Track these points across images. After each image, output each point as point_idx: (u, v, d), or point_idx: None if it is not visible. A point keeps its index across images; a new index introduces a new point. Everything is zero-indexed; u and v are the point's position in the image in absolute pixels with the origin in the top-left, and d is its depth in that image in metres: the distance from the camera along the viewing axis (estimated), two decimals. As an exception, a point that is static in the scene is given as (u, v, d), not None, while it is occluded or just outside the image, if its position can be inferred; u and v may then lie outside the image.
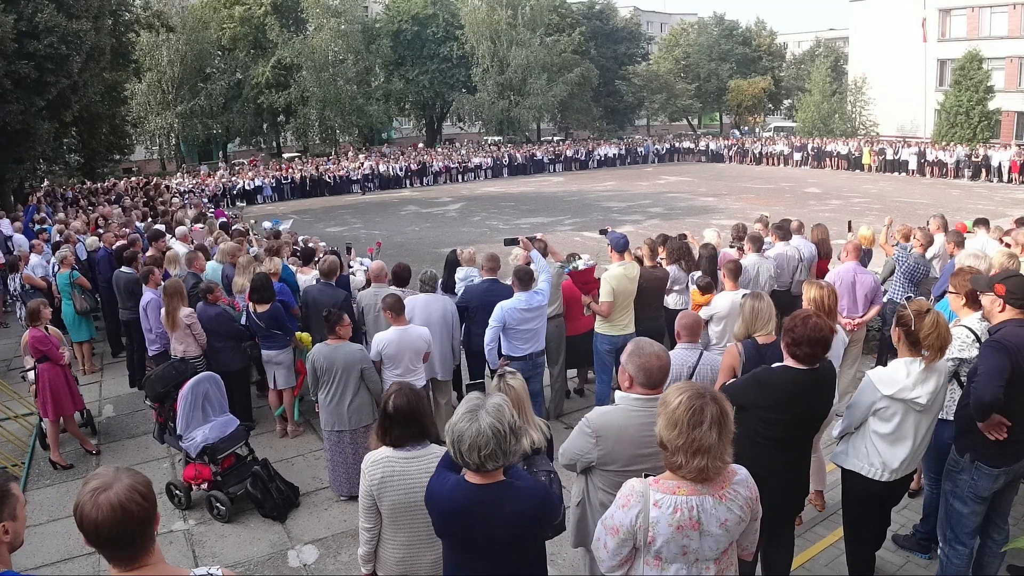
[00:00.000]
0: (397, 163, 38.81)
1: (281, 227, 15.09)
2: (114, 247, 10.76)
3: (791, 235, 8.74)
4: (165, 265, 9.02)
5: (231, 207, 28.55)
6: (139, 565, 2.10)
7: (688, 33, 59.94)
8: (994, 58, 36.52)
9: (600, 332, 6.97)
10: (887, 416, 3.94)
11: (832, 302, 4.74)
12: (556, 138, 54.75)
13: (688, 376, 4.74)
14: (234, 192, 32.71)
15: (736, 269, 6.62)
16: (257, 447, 6.81)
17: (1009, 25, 37.61)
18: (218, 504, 5.99)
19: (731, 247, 8.63)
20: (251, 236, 12.62)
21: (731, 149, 45.49)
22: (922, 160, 34.16)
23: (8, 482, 2.45)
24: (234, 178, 34.48)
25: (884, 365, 4.17)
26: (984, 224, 8.51)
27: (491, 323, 6.30)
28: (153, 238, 10.90)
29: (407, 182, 37.93)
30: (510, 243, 7.35)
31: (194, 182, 33.13)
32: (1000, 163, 31.28)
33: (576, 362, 8.18)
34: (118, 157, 31.47)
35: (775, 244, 8.65)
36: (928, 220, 9.16)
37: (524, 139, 49.27)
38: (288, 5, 44.92)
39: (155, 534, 2.13)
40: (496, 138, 49.66)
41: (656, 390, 3.40)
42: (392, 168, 37.97)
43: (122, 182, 30.08)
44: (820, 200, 26.29)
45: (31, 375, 7.39)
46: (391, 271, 7.28)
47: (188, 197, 26.33)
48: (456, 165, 40.15)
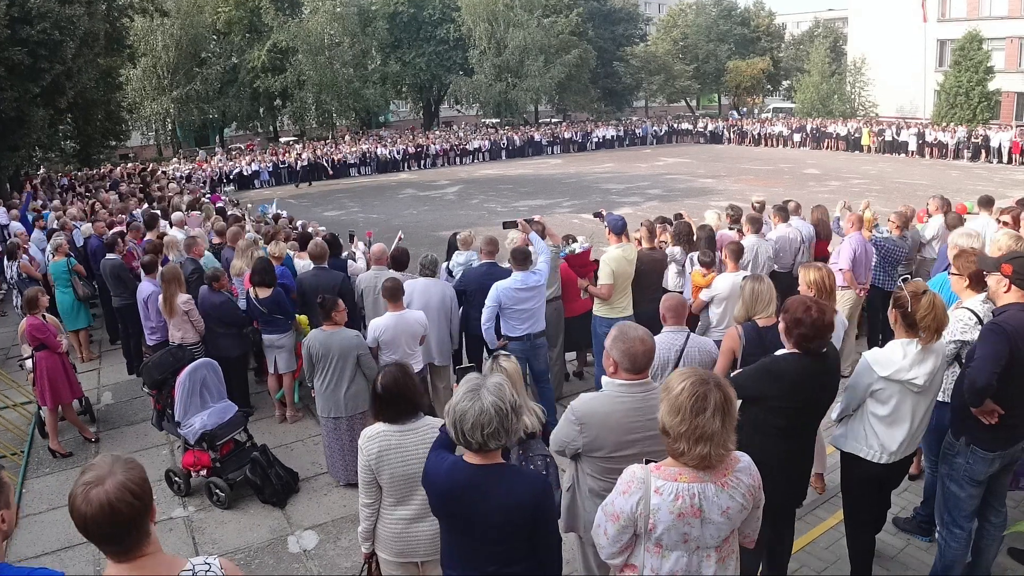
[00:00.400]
0: (395, 146, 38.60)
1: (266, 211, 15.12)
2: (105, 237, 10.65)
3: (790, 216, 8.72)
4: (164, 251, 8.97)
5: (223, 191, 28.45)
6: (133, 556, 2.07)
7: (686, 14, 59.51)
8: (994, 38, 36.20)
9: (599, 315, 6.93)
10: (884, 398, 3.93)
11: (831, 282, 4.71)
12: (554, 120, 54.45)
13: (676, 360, 4.69)
14: (230, 177, 32.56)
15: (738, 250, 6.59)
16: (256, 433, 6.80)
17: (1009, 5, 37.24)
18: (217, 491, 5.99)
19: (729, 229, 8.58)
20: (246, 221, 12.56)
21: (730, 130, 45.26)
22: (921, 141, 34.04)
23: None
24: (231, 163, 34.31)
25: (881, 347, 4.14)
26: (987, 204, 8.41)
27: (487, 303, 6.30)
28: (148, 224, 10.84)
29: (405, 165, 37.76)
30: (508, 226, 7.28)
31: (190, 167, 32.98)
32: (1000, 144, 31.14)
33: (574, 344, 8.16)
34: (114, 143, 31.25)
35: (777, 226, 8.62)
36: (928, 201, 9.13)
37: (522, 121, 48.98)
38: (283, -12, 44.56)
39: (150, 527, 2.11)
40: (494, 120, 49.47)
41: (641, 375, 3.37)
42: (390, 151, 37.78)
43: (118, 168, 29.93)
44: (819, 181, 26.21)
45: (29, 363, 7.37)
46: (390, 255, 7.26)
47: (184, 183, 26.19)
48: (454, 148, 39.95)
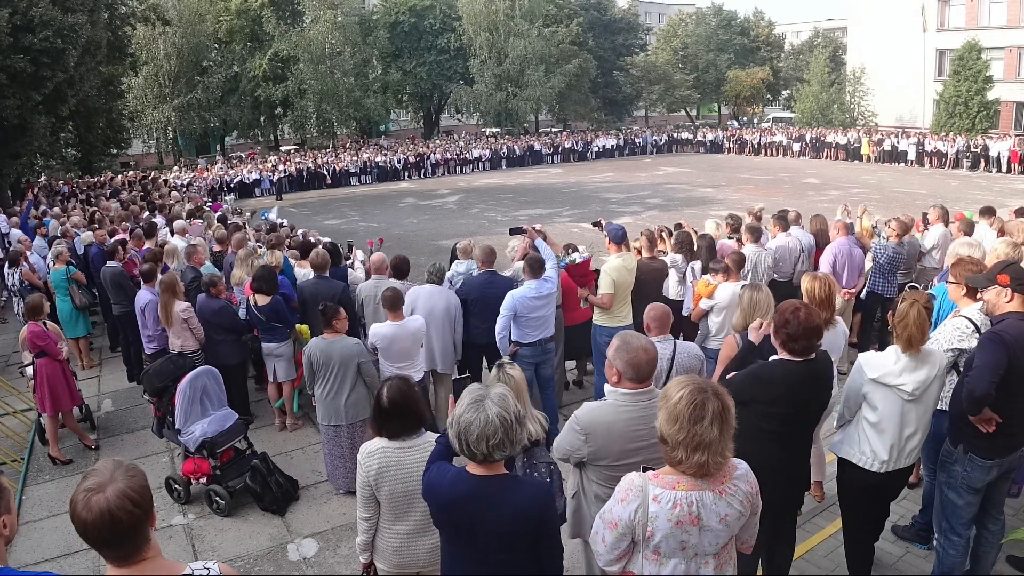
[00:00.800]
0: (395, 155, 38.68)
1: (267, 217, 15.13)
2: (105, 245, 10.68)
3: (789, 226, 8.74)
4: (164, 259, 8.99)
5: (224, 200, 28.50)
6: (133, 561, 2.09)
7: (686, 24, 59.84)
8: (993, 48, 36.31)
9: (599, 324, 6.94)
10: (873, 402, 3.95)
11: (827, 292, 4.73)
12: (554, 129, 54.54)
13: (668, 368, 4.71)
14: (231, 185, 32.63)
15: (740, 260, 6.63)
16: (256, 441, 6.80)
17: (1008, 15, 37.31)
18: (217, 498, 5.99)
19: (729, 238, 8.59)
20: (247, 229, 12.58)
21: (730, 140, 45.34)
22: (921, 150, 34.08)
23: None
24: (231, 171, 34.40)
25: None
26: (988, 214, 8.41)
27: (502, 311, 6.26)
28: (148, 233, 10.86)
29: (405, 174, 37.83)
30: (516, 232, 7.31)
31: (191, 175, 33.02)
32: (999, 153, 31.19)
33: (575, 353, 8.16)
34: (115, 151, 31.37)
35: (776, 235, 8.64)
36: (927, 210, 9.15)
37: (522, 131, 49.10)
38: (284, -3, 44.76)
39: (150, 533, 2.12)
40: (494, 130, 49.55)
41: (644, 384, 3.39)
42: (391, 160, 37.86)
43: (119, 176, 30.01)
44: (819, 191, 26.23)
45: (29, 370, 7.37)
46: (390, 263, 7.27)
47: (185, 191, 26.25)
48: (454, 157, 40.04)
